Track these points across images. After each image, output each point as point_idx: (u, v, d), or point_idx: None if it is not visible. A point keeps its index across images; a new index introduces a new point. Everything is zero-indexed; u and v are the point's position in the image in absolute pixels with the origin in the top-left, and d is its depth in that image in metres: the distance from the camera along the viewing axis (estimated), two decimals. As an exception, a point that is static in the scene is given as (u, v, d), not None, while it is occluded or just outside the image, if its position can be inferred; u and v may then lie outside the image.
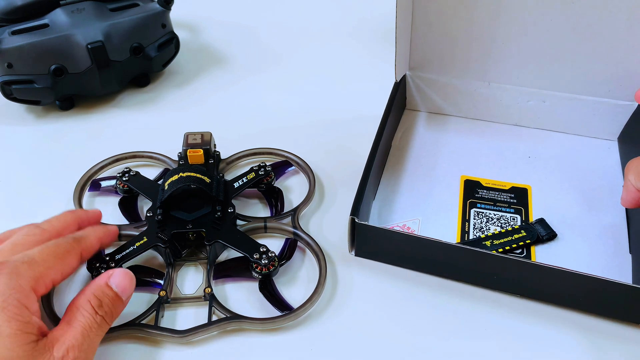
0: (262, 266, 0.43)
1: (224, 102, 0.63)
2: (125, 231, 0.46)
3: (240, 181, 0.49)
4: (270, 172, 0.51)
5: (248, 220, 0.48)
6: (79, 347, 0.34)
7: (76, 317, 0.35)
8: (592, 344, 0.40)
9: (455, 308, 0.42)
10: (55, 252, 0.36)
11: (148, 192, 0.49)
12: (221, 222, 0.45)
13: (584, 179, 0.51)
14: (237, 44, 0.72)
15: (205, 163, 0.51)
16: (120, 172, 0.50)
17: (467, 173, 0.52)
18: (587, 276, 0.38)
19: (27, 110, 0.62)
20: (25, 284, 0.33)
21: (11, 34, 0.56)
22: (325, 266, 0.44)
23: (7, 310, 0.32)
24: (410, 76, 0.57)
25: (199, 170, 0.47)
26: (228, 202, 0.47)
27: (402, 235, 0.42)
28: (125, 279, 0.38)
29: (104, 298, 0.37)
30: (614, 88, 0.52)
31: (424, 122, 0.58)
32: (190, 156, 0.50)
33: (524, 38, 0.51)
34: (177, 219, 0.45)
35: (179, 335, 0.39)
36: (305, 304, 0.41)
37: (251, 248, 0.44)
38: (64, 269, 0.37)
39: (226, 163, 0.54)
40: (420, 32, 0.54)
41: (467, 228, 0.47)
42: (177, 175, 0.46)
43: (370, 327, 0.41)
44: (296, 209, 0.48)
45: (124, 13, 0.60)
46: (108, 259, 0.42)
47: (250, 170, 0.50)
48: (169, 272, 0.44)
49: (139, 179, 0.50)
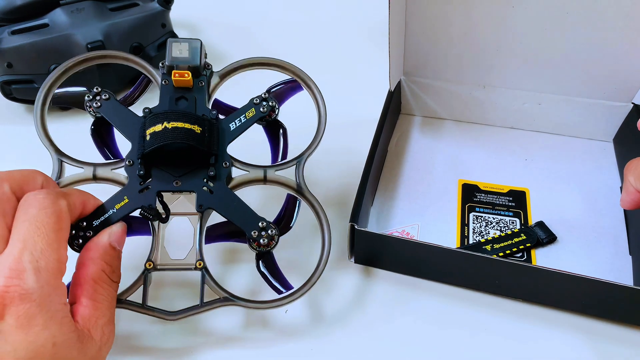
0: (261, 244, 0.37)
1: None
2: (102, 173, 0.39)
3: (237, 121, 0.40)
4: (275, 106, 0.42)
5: (246, 169, 0.41)
6: (109, 321, 0.33)
7: (97, 292, 0.33)
8: (594, 346, 0.39)
9: (456, 314, 0.41)
10: (55, 227, 0.31)
11: (125, 128, 0.39)
12: (215, 182, 0.38)
13: (581, 181, 0.51)
14: (236, 44, 0.71)
15: (193, 86, 0.41)
16: (91, 93, 0.41)
17: (465, 177, 0.51)
18: (589, 279, 0.37)
19: (27, 110, 0.61)
20: (55, 280, 0.30)
21: (11, 34, 0.55)
22: (329, 236, 0.39)
23: (55, 318, 0.30)
24: (404, 81, 0.56)
25: (188, 117, 0.38)
26: (223, 153, 0.39)
27: (402, 241, 0.41)
28: (122, 233, 0.36)
29: (113, 261, 0.35)
30: (609, 89, 0.51)
31: (420, 127, 0.57)
32: (175, 80, 0.40)
33: (518, 40, 0.50)
34: (162, 172, 0.38)
35: (168, 317, 0.36)
36: (306, 284, 0.37)
37: (249, 222, 0.37)
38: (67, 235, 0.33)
39: (219, 76, 0.43)
40: (414, 37, 0.53)
41: (466, 232, 0.46)
42: (162, 125, 0.37)
43: (370, 332, 0.40)
44: (301, 157, 0.41)
45: (123, 13, 0.59)
46: (85, 225, 0.36)
47: (249, 105, 0.41)
48: (155, 232, 0.38)
49: (113, 107, 0.40)
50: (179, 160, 0.38)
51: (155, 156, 0.38)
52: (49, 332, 0.29)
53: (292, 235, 0.41)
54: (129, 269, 0.38)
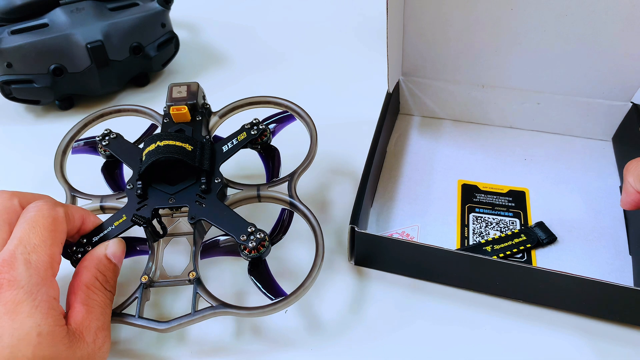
0: (251, 249, 0.37)
1: (223, 101, 0.60)
2: (108, 203, 0.41)
3: (230, 144, 0.42)
4: (265, 129, 0.43)
5: (240, 187, 0.41)
6: (103, 326, 0.33)
7: (90, 298, 0.34)
8: (595, 347, 0.38)
9: (456, 315, 0.40)
10: (50, 228, 0.33)
11: (129, 158, 0.42)
12: (206, 196, 0.39)
13: (580, 181, 0.49)
14: (236, 43, 0.69)
15: (192, 120, 0.43)
16: (101, 134, 0.43)
17: (464, 177, 0.49)
18: (589, 280, 0.36)
19: (27, 109, 0.60)
20: (45, 272, 0.31)
21: (11, 34, 0.54)
22: (322, 243, 0.38)
23: (41, 307, 0.30)
24: (403, 81, 0.55)
25: (179, 137, 0.40)
26: (215, 170, 0.40)
27: (402, 243, 0.40)
28: (120, 248, 0.37)
29: (107, 272, 0.35)
30: (608, 88, 0.50)
31: (418, 127, 0.56)
32: (174, 115, 0.42)
33: (517, 40, 0.49)
34: (158, 192, 0.39)
35: (161, 327, 0.35)
36: (299, 289, 0.36)
37: (237, 228, 0.37)
38: (63, 238, 0.35)
39: (218, 116, 0.45)
40: (412, 37, 0.51)
41: (466, 233, 0.45)
42: (154, 144, 0.39)
43: (371, 333, 0.39)
44: (293, 175, 0.42)
45: (123, 12, 0.58)
46: (85, 242, 0.37)
47: (240, 130, 0.42)
48: (153, 250, 0.39)
49: (119, 143, 0.43)
50: (174, 179, 0.40)
51: (152, 174, 0.40)
52: (34, 320, 0.29)
53: (290, 241, 0.41)
54: (125, 285, 0.39)
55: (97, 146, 0.44)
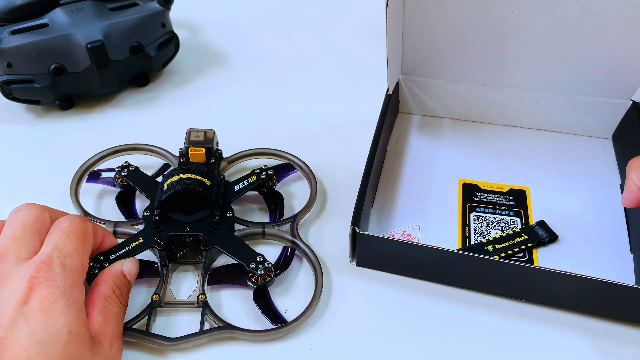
0: (258, 276, 0.39)
1: (224, 101, 0.60)
2: (121, 228, 0.43)
3: (241, 184, 0.46)
4: (272, 176, 0.47)
5: (246, 224, 0.44)
6: (117, 336, 0.35)
7: (107, 308, 0.35)
8: (597, 346, 0.38)
9: (458, 315, 0.40)
10: (82, 238, 0.36)
11: (146, 189, 0.45)
12: (219, 227, 0.42)
13: (581, 179, 0.49)
14: (236, 43, 0.69)
15: (206, 162, 0.47)
16: (120, 166, 0.47)
17: (465, 176, 0.49)
18: (591, 279, 0.36)
19: (27, 109, 0.59)
20: (77, 277, 0.33)
21: (11, 34, 0.53)
22: (321, 278, 0.40)
23: (73, 308, 0.32)
24: (403, 80, 0.54)
25: (200, 171, 0.43)
26: (227, 205, 0.44)
27: (404, 244, 0.39)
28: (135, 267, 0.39)
29: (122, 287, 0.37)
30: (608, 86, 0.49)
31: (418, 126, 0.55)
32: (191, 155, 0.47)
33: (517, 38, 0.48)
34: (174, 220, 0.42)
35: (169, 343, 0.37)
36: (299, 318, 0.38)
37: (248, 257, 0.40)
38: (90, 250, 0.37)
39: (227, 162, 0.50)
40: (412, 36, 0.50)
41: (467, 233, 0.44)
42: (177, 176, 0.42)
43: (372, 336, 0.39)
44: (296, 216, 0.45)
45: (123, 12, 0.57)
46: (102, 259, 0.39)
47: (251, 173, 0.47)
48: (163, 274, 0.41)
49: (138, 175, 0.46)
50: (189, 209, 0.43)
51: (170, 203, 0.42)
52: (66, 319, 0.31)
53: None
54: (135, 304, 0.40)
55: (115, 176, 0.47)
